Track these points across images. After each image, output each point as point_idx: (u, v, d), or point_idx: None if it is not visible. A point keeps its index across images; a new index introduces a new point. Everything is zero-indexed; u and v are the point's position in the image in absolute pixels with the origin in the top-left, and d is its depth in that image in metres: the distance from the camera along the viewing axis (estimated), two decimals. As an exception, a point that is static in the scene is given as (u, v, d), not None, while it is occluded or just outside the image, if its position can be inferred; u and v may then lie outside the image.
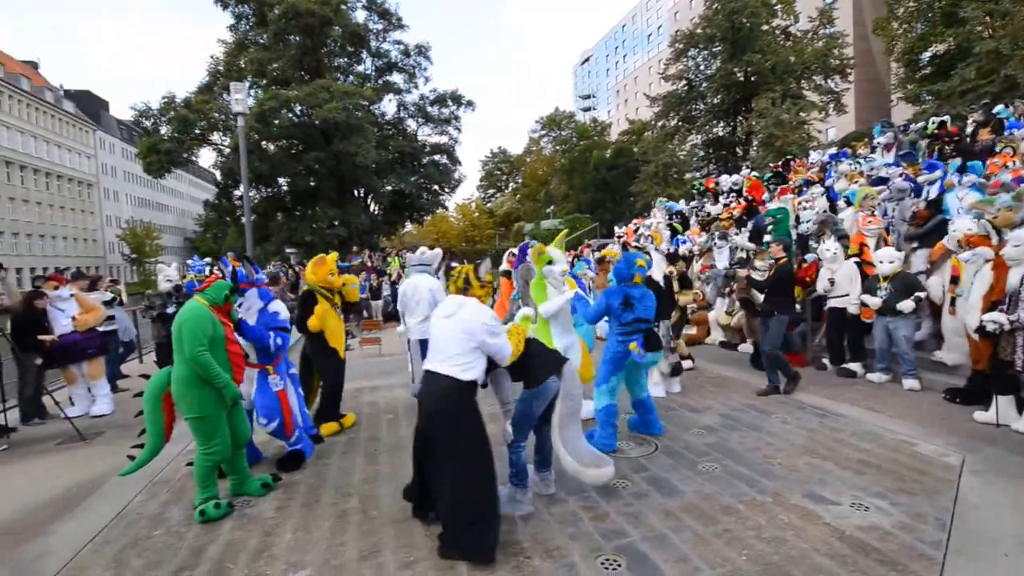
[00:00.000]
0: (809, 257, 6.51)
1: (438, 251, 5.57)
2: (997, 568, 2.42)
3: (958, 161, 6.86)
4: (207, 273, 5.23)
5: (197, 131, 27.34)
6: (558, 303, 4.31)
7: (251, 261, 4.24)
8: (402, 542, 2.82)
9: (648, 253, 5.50)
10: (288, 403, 3.94)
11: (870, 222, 6.02)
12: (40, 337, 5.37)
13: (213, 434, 3.15)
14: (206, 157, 74.47)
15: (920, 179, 7.15)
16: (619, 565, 2.53)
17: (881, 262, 5.25)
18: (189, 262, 3.88)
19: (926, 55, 18.97)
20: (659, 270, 5.43)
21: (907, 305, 4.98)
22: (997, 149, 6.94)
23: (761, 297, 5.49)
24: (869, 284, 5.42)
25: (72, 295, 5.75)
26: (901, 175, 7.27)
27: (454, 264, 3.22)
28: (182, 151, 27.17)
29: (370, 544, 2.81)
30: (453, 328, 2.82)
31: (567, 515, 3.03)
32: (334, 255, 4.96)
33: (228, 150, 27.56)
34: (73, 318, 5.57)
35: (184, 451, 4.09)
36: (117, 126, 55.10)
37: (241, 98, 10.56)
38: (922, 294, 5.05)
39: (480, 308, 2.92)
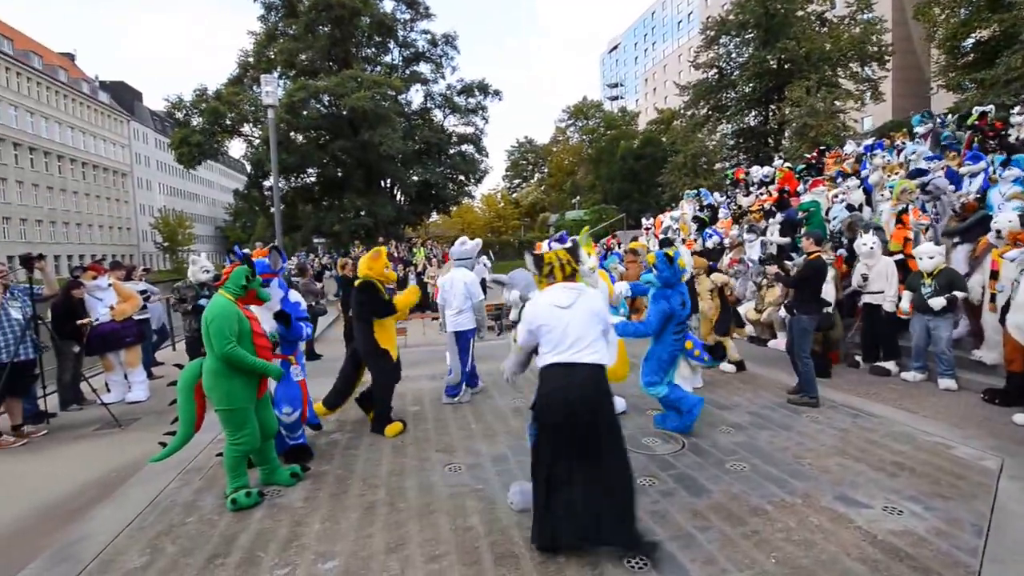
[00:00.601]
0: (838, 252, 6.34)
1: (477, 242, 5.58)
2: (1038, 579, 2.35)
3: (1003, 155, 6.54)
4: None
5: (228, 122, 27.88)
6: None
7: (279, 250, 4.19)
8: (428, 536, 2.84)
9: (674, 245, 5.51)
10: (307, 394, 4.01)
11: (920, 215, 5.82)
12: (79, 322, 5.54)
13: (242, 425, 3.20)
14: (236, 148, 76.26)
15: (962, 170, 6.83)
16: (646, 565, 2.50)
17: (922, 258, 5.05)
18: (235, 251, 3.83)
19: (969, 41, 18.06)
20: (688, 262, 5.42)
21: (938, 302, 4.80)
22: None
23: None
24: (912, 280, 5.21)
25: (111, 284, 5.91)
26: (943, 168, 6.95)
27: (539, 252, 2.98)
28: (213, 142, 27.76)
29: (397, 537, 2.84)
30: (582, 315, 2.66)
31: (593, 511, 3.04)
32: (384, 249, 4.85)
33: (258, 141, 28.08)
34: (111, 307, 5.71)
35: (215, 439, 4.16)
36: (150, 116, 56.66)
37: (271, 90, 10.68)
38: (960, 294, 4.86)
39: (594, 291, 2.91)
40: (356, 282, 4.55)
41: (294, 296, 4.15)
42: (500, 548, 2.70)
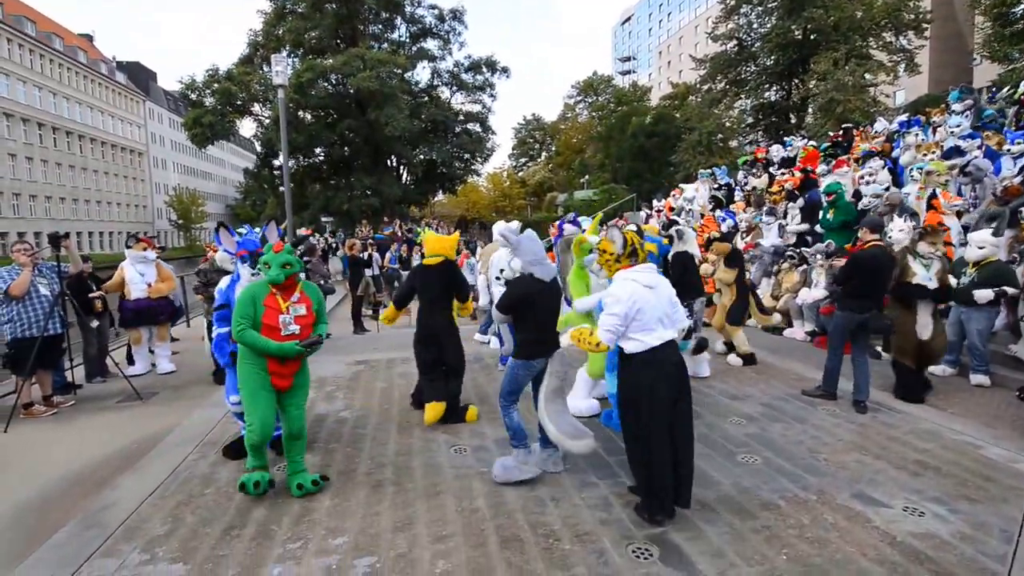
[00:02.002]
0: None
1: (516, 223, 5.88)
2: (1070, 589, 2.23)
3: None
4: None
5: (239, 102, 27.86)
6: (588, 304, 4.15)
7: (276, 222, 3.75)
8: (435, 516, 2.86)
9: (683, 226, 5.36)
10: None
11: (951, 197, 5.50)
12: (91, 295, 5.73)
13: (250, 412, 3.10)
14: (247, 127, 76.26)
15: (1015, 149, 6.30)
16: (651, 555, 2.48)
17: (973, 246, 4.64)
18: (227, 228, 3.84)
19: (1020, 7, 16.83)
20: (695, 246, 5.28)
21: (984, 295, 4.48)
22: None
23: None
24: (953, 267, 4.83)
25: (156, 260, 6.21)
26: (981, 148, 6.53)
27: (624, 233, 2.96)
28: (224, 122, 27.83)
29: (404, 516, 2.88)
30: (665, 296, 2.82)
31: (598, 500, 2.99)
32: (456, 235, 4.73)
33: (268, 121, 28.03)
34: (149, 285, 5.97)
35: (227, 415, 4.26)
36: (164, 97, 57.05)
37: (281, 70, 10.58)
38: (1012, 291, 4.49)
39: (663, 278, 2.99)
40: (432, 260, 4.25)
41: None
42: (506, 531, 2.71)
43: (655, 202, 14.06)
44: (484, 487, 3.16)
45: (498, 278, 5.52)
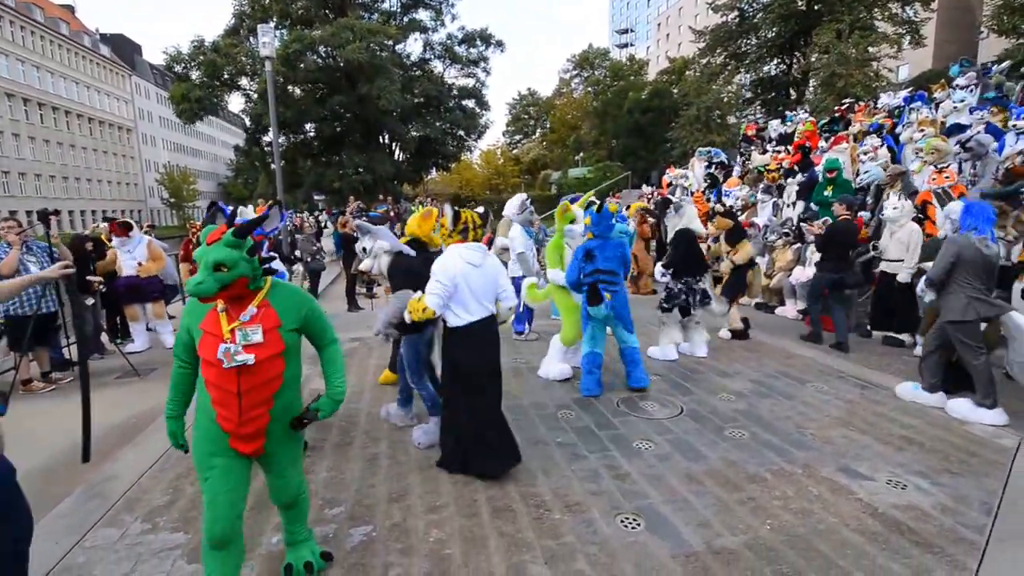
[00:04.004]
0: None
1: (519, 196, 6.11)
2: (1045, 558, 2.29)
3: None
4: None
5: (226, 75, 27.17)
6: (558, 277, 4.58)
7: (281, 205, 3.80)
8: (428, 488, 2.91)
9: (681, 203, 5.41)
10: None
11: (934, 179, 5.42)
12: (89, 278, 5.71)
13: (204, 492, 2.64)
14: (235, 102, 74.45)
15: (1019, 124, 6.13)
16: (638, 525, 2.54)
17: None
18: (220, 208, 3.43)
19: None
20: (698, 222, 5.30)
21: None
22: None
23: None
24: (933, 247, 4.82)
25: (149, 239, 6.27)
26: (983, 123, 6.39)
27: (457, 209, 3.16)
28: (212, 97, 27.19)
29: (399, 488, 2.92)
30: (491, 275, 3.03)
31: (588, 472, 3.04)
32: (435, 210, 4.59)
33: (256, 95, 27.43)
34: (139, 264, 6.00)
35: None
36: (151, 70, 55.44)
37: (268, 41, 10.21)
38: None
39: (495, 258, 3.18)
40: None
41: (276, 266, 3.63)
42: (498, 502, 2.77)
43: (645, 186, 13.83)
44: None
45: (521, 252, 5.59)
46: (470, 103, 32.79)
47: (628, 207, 10.75)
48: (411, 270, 3.38)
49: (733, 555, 2.31)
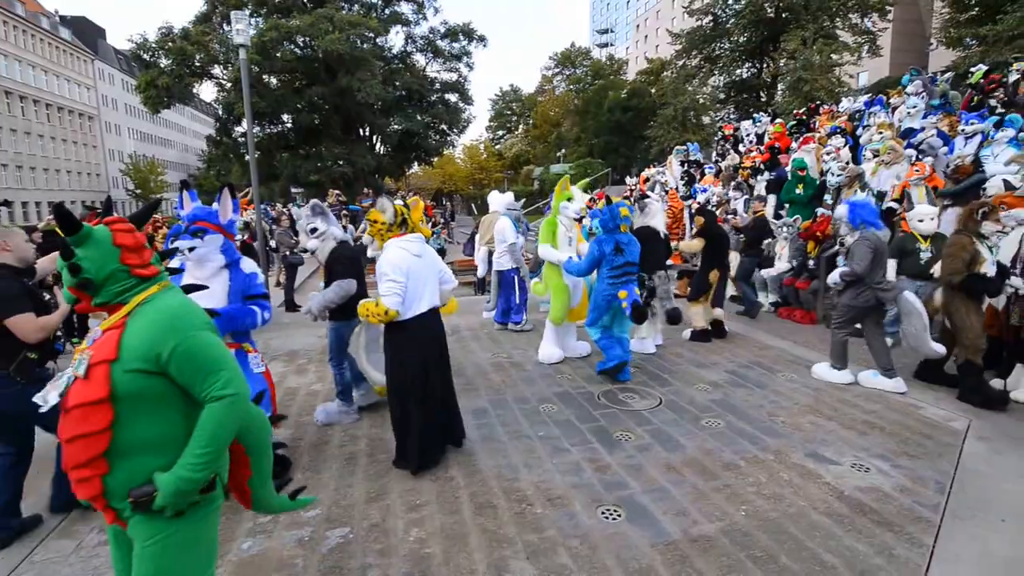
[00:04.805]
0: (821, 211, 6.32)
1: (511, 194, 6.71)
2: (993, 533, 2.45)
3: (995, 117, 6.40)
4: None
5: (197, 64, 26.23)
6: (553, 257, 4.78)
7: (232, 189, 3.08)
8: (408, 486, 2.89)
9: (653, 201, 5.56)
10: (274, 389, 3.06)
11: (916, 170, 5.73)
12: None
13: None
14: (207, 91, 71.88)
15: (968, 129, 6.48)
16: (619, 516, 2.60)
17: (921, 220, 4.74)
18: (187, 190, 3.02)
19: (976, -7, 17.40)
20: (660, 219, 5.44)
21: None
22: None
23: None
24: (905, 243, 4.92)
25: None
26: (934, 127, 6.81)
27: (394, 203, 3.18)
28: (182, 85, 26.21)
29: (378, 487, 2.90)
30: (431, 265, 3.13)
31: (570, 465, 3.09)
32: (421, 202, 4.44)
33: (229, 84, 26.58)
34: None
35: None
36: (115, 56, 53.03)
37: (242, 28, 9.86)
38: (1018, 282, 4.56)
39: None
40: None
41: (248, 266, 2.97)
42: (480, 498, 2.78)
43: (628, 180, 14.14)
44: (458, 456, 3.21)
45: (512, 243, 5.87)
46: (453, 97, 32.51)
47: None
48: (355, 259, 3.54)
49: (710, 542, 2.39)
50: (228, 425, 1.41)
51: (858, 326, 4.42)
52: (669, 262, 5.98)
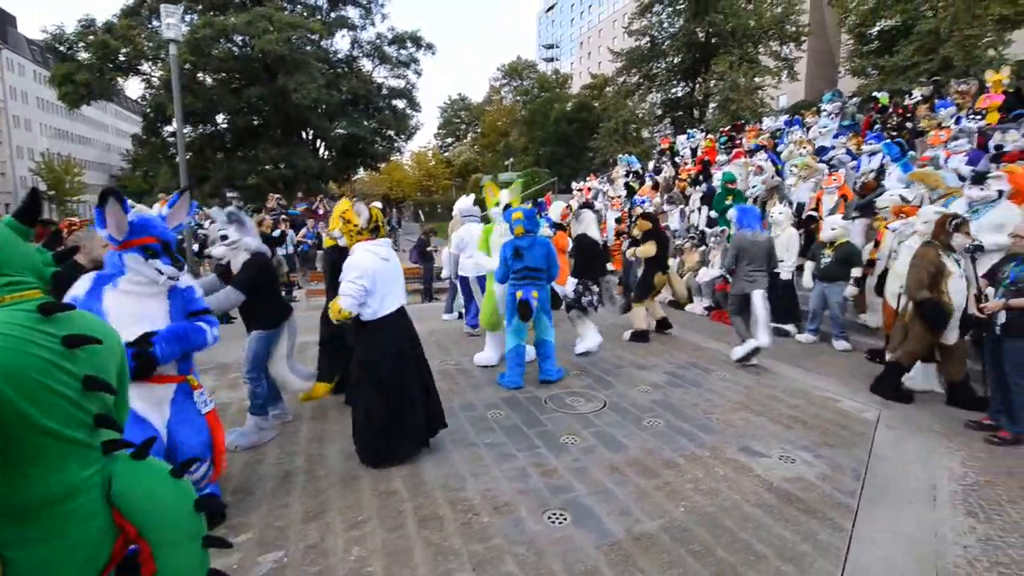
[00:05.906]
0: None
1: (470, 198, 6.53)
2: (902, 515, 2.68)
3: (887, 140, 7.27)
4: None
5: (121, 59, 24.34)
6: (485, 264, 4.95)
7: (189, 193, 2.85)
8: (349, 502, 2.78)
9: (596, 211, 5.78)
10: (221, 434, 2.55)
11: (834, 179, 6.34)
12: None
13: None
14: (133, 87, 66.86)
15: (865, 148, 7.44)
16: (565, 519, 2.61)
17: (832, 228, 5.38)
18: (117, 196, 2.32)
19: (875, 29, 19.39)
20: (595, 228, 5.68)
21: (851, 291, 5.30)
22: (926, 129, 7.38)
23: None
24: (815, 250, 5.60)
25: None
26: (844, 146, 7.65)
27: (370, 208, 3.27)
28: (104, 81, 24.19)
29: (316, 504, 2.76)
30: (396, 269, 3.21)
31: (517, 471, 3.08)
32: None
33: (158, 82, 24.85)
34: None
35: None
36: (27, 45, 48.16)
37: (174, 23, 9.23)
38: (856, 271, 5.24)
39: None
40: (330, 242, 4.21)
41: (186, 282, 2.54)
42: (424, 511, 2.70)
43: (574, 185, 14.61)
44: (403, 469, 3.11)
45: (471, 256, 5.70)
46: (400, 103, 32.09)
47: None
48: (263, 270, 3.40)
49: (651, 539, 2.45)
50: None
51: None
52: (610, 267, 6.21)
